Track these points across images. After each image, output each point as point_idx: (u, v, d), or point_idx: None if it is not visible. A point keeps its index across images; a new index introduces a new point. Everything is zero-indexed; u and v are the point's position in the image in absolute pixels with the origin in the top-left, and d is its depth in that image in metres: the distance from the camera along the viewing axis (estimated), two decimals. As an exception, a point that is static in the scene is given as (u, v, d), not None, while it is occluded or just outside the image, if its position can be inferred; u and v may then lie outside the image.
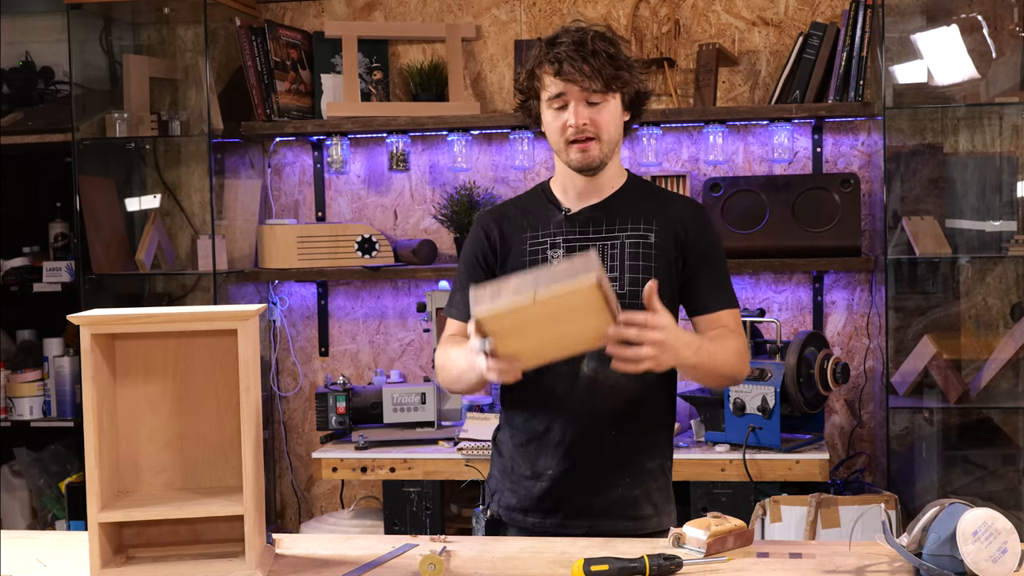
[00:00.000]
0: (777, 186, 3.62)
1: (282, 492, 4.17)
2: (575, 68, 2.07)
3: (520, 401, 2.21)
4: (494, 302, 1.78)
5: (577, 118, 2.09)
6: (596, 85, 2.08)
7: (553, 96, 2.12)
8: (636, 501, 2.17)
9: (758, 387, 3.29)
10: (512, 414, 2.24)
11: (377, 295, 4.07)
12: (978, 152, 3.69)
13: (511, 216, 2.25)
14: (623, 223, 2.18)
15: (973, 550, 1.71)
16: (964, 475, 3.61)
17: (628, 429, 2.16)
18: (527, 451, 2.20)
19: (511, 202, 2.34)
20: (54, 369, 4.01)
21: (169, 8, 3.90)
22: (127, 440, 1.93)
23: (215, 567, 1.85)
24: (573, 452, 2.15)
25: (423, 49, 4.00)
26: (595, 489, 2.16)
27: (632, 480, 2.17)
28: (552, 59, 2.10)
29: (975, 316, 3.70)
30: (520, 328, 1.80)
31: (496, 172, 3.97)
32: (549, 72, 2.11)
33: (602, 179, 2.20)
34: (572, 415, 2.15)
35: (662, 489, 2.22)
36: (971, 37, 3.58)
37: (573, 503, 2.16)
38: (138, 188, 4.10)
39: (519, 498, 2.20)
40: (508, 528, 2.23)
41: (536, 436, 2.18)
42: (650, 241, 2.16)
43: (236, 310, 1.86)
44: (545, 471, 2.17)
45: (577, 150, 2.12)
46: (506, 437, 2.25)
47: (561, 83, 2.09)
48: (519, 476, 2.21)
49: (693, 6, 3.83)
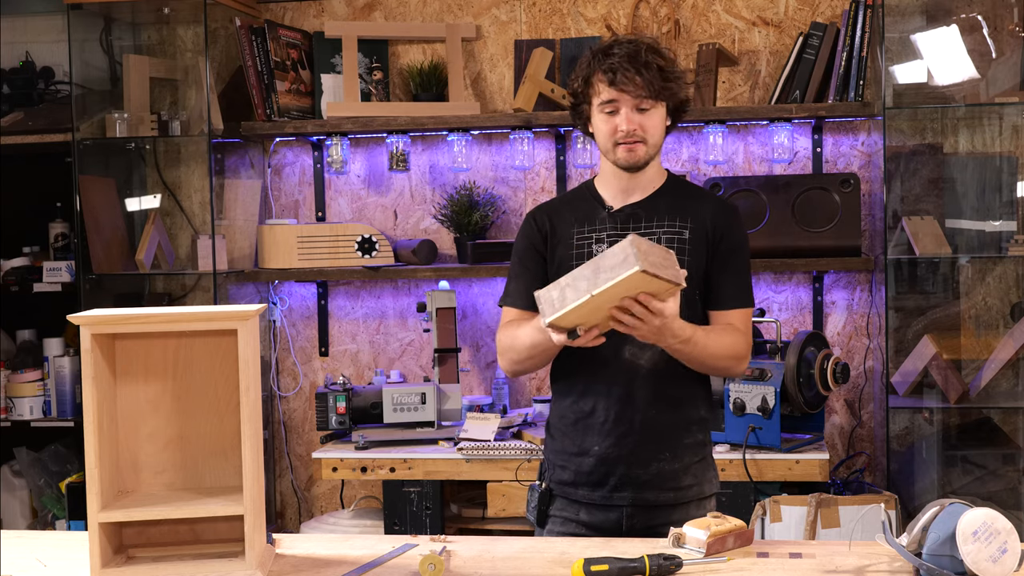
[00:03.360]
0: (777, 186, 3.62)
1: (282, 492, 4.17)
2: (628, 79, 2.26)
3: (567, 385, 2.40)
4: (559, 305, 2.02)
5: (628, 124, 2.29)
6: (646, 94, 2.28)
7: (605, 102, 2.30)
8: (676, 474, 2.34)
9: (758, 387, 3.29)
10: (561, 398, 2.42)
11: (377, 295, 4.07)
12: (978, 152, 3.69)
13: (561, 211, 2.44)
14: (660, 220, 2.36)
15: (973, 550, 1.71)
16: (964, 475, 3.61)
17: (665, 409, 2.33)
18: (575, 431, 2.37)
19: (560, 199, 2.55)
20: (54, 369, 4.01)
21: (169, 8, 3.90)
22: (127, 440, 1.93)
23: (215, 567, 1.85)
24: (616, 430, 2.32)
25: (423, 49, 4.00)
26: (637, 463, 2.32)
27: (672, 455, 2.33)
28: (607, 69, 2.28)
29: (975, 316, 3.70)
30: (589, 314, 2.04)
31: (496, 172, 3.97)
32: (603, 80, 2.29)
33: (643, 178, 2.38)
34: (614, 397, 2.33)
35: (702, 461, 2.39)
36: (971, 37, 3.58)
37: (618, 476, 2.33)
38: (138, 188, 4.10)
39: (569, 473, 2.37)
40: (558, 500, 2.40)
41: (583, 417, 2.36)
42: (684, 237, 2.34)
43: (236, 310, 1.86)
44: (591, 448, 2.34)
45: (625, 150, 2.31)
46: (556, 419, 2.43)
47: (614, 91, 2.28)
48: (568, 454, 2.38)
49: (693, 6, 3.83)
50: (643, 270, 1.92)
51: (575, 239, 2.38)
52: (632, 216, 2.37)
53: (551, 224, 2.41)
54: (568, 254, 2.37)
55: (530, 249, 2.42)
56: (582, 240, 2.38)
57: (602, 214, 2.38)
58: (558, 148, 3.92)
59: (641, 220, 2.36)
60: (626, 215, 2.37)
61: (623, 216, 2.37)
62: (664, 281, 1.99)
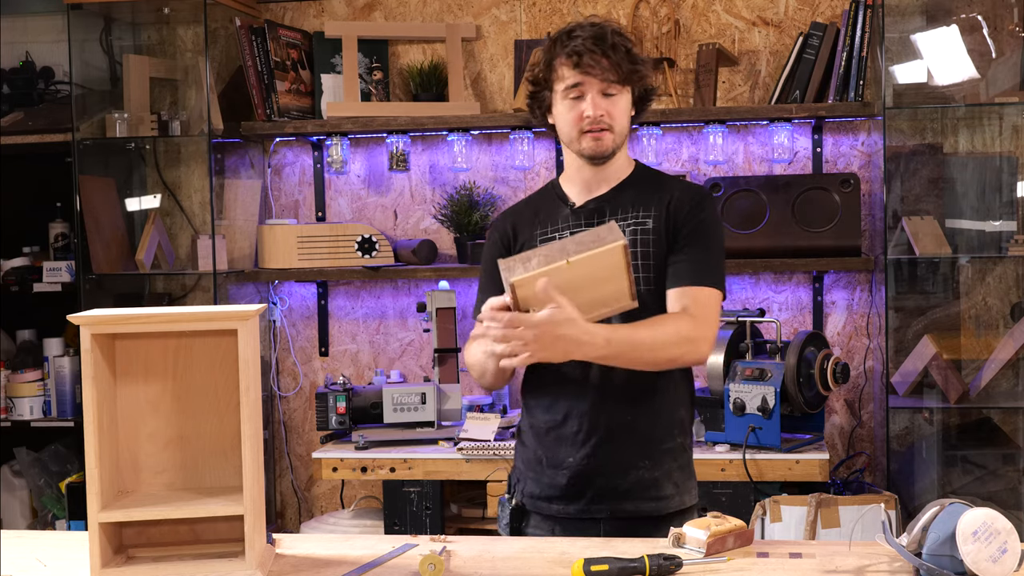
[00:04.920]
0: (777, 186, 3.62)
1: (282, 492, 4.17)
2: (594, 61, 2.12)
3: (538, 393, 2.26)
4: (526, 268, 1.88)
5: (595, 109, 2.15)
6: (613, 77, 2.14)
7: (570, 86, 2.16)
8: (657, 482, 2.21)
9: (758, 387, 3.29)
10: (531, 405, 2.29)
11: (377, 295, 4.07)
12: (978, 152, 3.69)
13: (523, 214, 2.33)
14: (625, 212, 2.23)
15: (973, 550, 1.71)
16: (964, 475, 3.61)
17: (643, 413, 2.20)
18: (547, 441, 2.24)
19: (523, 202, 2.41)
20: (54, 369, 4.01)
21: (169, 8, 3.90)
22: (127, 440, 1.93)
23: (215, 567, 1.85)
24: (591, 440, 2.20)
25: (423, 49, 4.00)
26: (615, 473, 2.20)
27: (652, 462, 2.21)
28: (572, 51, 2.14)
29: (975, 316, 3.70)
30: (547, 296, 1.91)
31: (496, 172, 3.97)
32: (567, 63, 2.15)
33: (609, 170, 2.25)
34: (588, 404, 2.19)
35: (683, 467, 2.26)
36: (971, 37, 3.58)
37: (595, 488, 2.20)
38: (138, 188, 4.10)
39: (542, 487, 2.25)
40: (532, 516, 2.27)
41: (555, 426, 2.23)
42: (648, 227, 2.20)
43: (236, 310, 1.86)
44: (565, 459, 2.21)
45: (591, 139, 2.17)
46: (527, 428, 2.31)
47: (579, 74, 2.14)
48: (541, 466, 2.25)
49: (693, 6, 3.83)
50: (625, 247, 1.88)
51: (537, 240, 2.26)
52: (596, 211, 2.24)
53: (513, 231, 2.30)
54: None
55: (494, 261, 2.23)
56: (545, 240, 2.25)
57: (564, 211, 2.26)
58: (558, 148, 3.91)
59: (605, 214, 2.23)
60: (589, 210, 2.25)
61: (586, 212, 2.25)
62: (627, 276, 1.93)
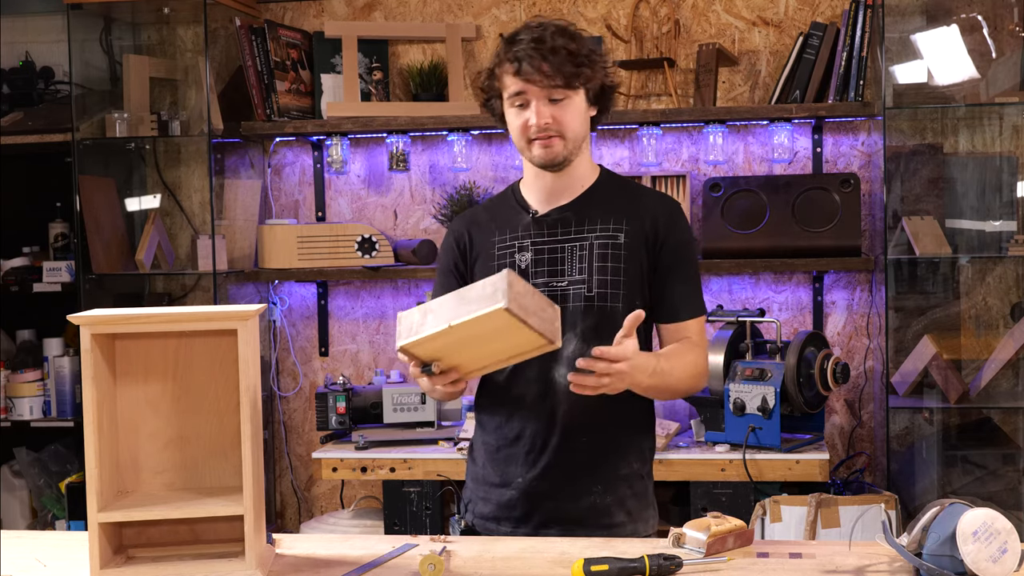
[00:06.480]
0: (777, 186, 3.63)
1: (282, 492, 4.17)
2: (534, 67, 2.03)
3: (492, 408, 2.18)
4: (417, 330, 1.79)
5: (539, 117, 2.06)
6: (556, 82, 2.04)
7: (514, 94, 2.08)
8: (608, 509, 2.13)
9: (758, 387, 3.29)
10: (484, 421, 2.21)
11: (377, 295, 4.07)
12: (978, 152, 3.69)
13: (480, 221, 2.22)
14: (592, 223, 2.13)
15: (973, 550, 1.71)
16: (964, 475, 3.61)
17: (601, 435, 2.12)
18: (497, 459, 2.17)
19: (482, 206, 2.30)
20: (54, 369, 4.01)
21: (169, 8, 3.90)
22: (127, 440, 1.93)
23: (215, 567, 1.85)
24: (543, 460, 2.12)
25: (423, 49, 4.00)
26: (566, 497, 2.12)
27: (604, 487, 2.13)
28: (511, 58, 2.05)
29: (975, 316, 3.70)
30: (448, 349, 1.83)
31: (496, 172, 3.97)
32: (509, 71, 2.07)
33: (571, 177, 2.15)
34: (543, 422, 2.11)
35: (638, 495, 2.17)
36: (971, 37, 3.58)
37: (544, 511, 2.13)
38: (138, 188, 4.10)
39: (491, 507, 2.18)
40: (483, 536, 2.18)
41: (507, 444, 2.15)
42: (619, 241, 2.11)
43: (236, 310, 1.86)
44: (515, 479, 2.14)
45: (540, 146, 2.08)
46: (479, 444, 2.23)
47: (521, 82, 2.05)
48: (490, 484, 2.18)
49: (693, 6, 3.83)
50: (507, 309, 1.69)
51: (496, 249, 2.15)
52: (560, 221, 2.13)
53: (469, 237, 2.20)
54: (489, 266, 2.14)
55: (449, 269, 2.20)
56: (504, 250, 2.15)
57: (525, 220, 2.15)
58: (558, 148, 3.91)
59: (570, 225, 2.13)
60: (553, 220, 2.14)
61: (549, 222, 2.14)
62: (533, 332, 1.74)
